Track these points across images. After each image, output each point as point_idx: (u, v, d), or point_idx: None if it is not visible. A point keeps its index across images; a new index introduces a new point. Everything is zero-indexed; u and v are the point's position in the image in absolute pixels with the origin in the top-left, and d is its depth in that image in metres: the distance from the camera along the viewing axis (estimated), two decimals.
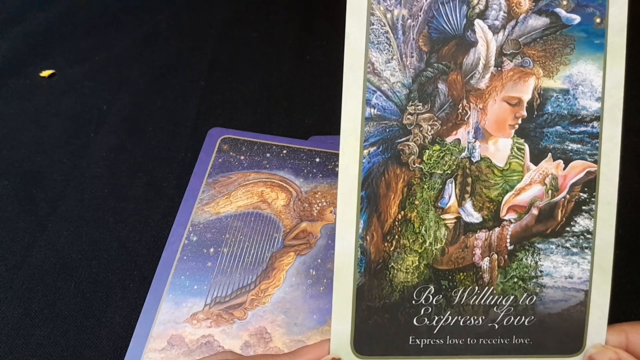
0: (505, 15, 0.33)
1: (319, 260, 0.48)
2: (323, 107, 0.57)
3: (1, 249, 0.50)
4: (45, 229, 0.51)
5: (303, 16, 0.63)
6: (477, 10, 0.33)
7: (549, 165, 0.33)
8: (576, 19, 0.33)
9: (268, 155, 0.54)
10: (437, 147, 0.33)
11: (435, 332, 0.34)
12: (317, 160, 0.53)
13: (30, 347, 0.45)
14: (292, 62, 0.60)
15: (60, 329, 0.46)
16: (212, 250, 0.48)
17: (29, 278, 0.49)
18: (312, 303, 0.46)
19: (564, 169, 0.34)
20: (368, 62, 0.33)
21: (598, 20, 0.33)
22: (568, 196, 0.34)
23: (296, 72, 0.59)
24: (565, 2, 0.33)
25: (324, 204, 0.51)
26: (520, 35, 0.33)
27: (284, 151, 0.54)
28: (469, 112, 0.33)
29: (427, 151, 0.33)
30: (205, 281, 0.47)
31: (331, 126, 0.56)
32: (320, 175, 0.52)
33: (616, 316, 0.34)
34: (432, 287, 0.34)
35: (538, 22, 0.33)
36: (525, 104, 0.33)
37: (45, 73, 0.63)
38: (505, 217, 0.34)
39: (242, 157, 0.54)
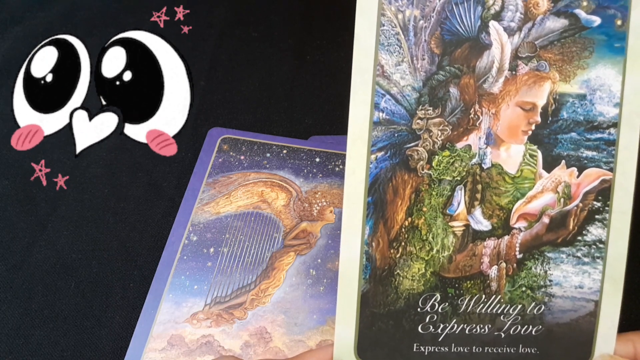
0: (522, 16, 0.31)
1: (319, 260, 0.48)
2: (323, 107, 0.57)
3: (1, 249, 0.50)
4: (45, 229, 0.51)
5: (303, 16, 0.63)
6: (492, 12, 0.31)
7: (562, 172, 0.33)
8: (596, 20, 0.31)
9: (268, 155, 0.54)
10: (447, 152, 0.32)
11: (440, 339, 0.34)
12: (317, 160, 0.53)
13: (30, 347, 0.45)
14: (292, 62, 0.60)
15: (60, 329, 0.46)
16: (212, 250, 0.48)
17: (29, 278, 0.49)
18: (312, 303, 0.46)
19: (578, 176, 0.33)
20: (377, 65, 0.32)
21: (619, 22, 0.31)
22: (581, 205, 0.33)
23: (296, 72, 0.59)
24: (585, 3, 0.31)
25: (324, 203, 0.51)
26: (536, 38, 0.32)
27: (284, 151, 0.54)
28: (480, 117, 0.32)
29: (436, 157, 0.32)
30: (205, 281, 0.47)
31: (331, 126, 0.56)
32: (321, 175, 0.52)
33: (623, 325, 0.34)
34: (438, 294, 0.33)
35: (556, 23, 0.31)
36: (539, 110, 0.32)
37: None
38: (515, 225, 0.33)
39: (242, 157, 0.54)
